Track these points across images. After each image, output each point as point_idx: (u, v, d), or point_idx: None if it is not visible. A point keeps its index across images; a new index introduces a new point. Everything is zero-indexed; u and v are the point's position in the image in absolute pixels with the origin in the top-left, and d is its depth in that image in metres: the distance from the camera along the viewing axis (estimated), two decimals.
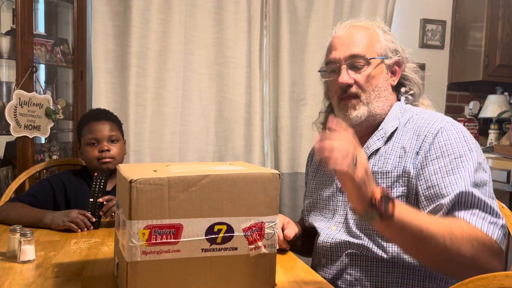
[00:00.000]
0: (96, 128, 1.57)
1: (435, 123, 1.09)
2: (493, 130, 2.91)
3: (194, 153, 2.34)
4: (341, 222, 1.18)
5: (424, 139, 1.07)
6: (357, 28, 1.19)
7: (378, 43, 1.17)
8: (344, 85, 1.15)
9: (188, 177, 0.84)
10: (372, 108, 1.15)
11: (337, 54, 1.17)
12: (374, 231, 1.10)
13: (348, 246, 1.14)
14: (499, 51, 2.78)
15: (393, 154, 1.11)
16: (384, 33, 1.20)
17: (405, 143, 1.10)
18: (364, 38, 1.17)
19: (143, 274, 0.82)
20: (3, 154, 2.14)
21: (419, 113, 1.15)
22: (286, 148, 2.45)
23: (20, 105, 1.89)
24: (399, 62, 1.20)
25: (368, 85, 1.15)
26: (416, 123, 1.12)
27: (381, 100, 1.16)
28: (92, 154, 1.55)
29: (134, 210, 0.81)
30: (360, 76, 1.15)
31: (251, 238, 0.88)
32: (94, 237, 1.30)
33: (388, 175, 1.09)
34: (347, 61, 1.15)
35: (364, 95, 1.15)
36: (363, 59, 1.14)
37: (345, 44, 1.16)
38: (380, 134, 1.16)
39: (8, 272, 1.01)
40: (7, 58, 2.00)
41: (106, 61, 2.18)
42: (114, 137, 1.59)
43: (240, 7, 2.32)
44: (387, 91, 1.18)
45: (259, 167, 0.98)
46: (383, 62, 1.17)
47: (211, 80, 2.33)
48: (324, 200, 1.25)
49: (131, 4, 2.15)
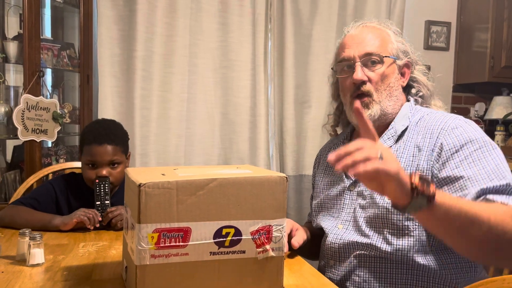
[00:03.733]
0: (97, 152, 1.47)
1: (449, 120, 1.10)
2: (499, 132, 2.90)
3: (199, 156, 2.35)
4: (348, 220, 1.18)
5: (439, 135, 1.07)
6: (370, 28, 1.21)
7: (390, 44, 1.19)
8: (358, 82, 1.16)
9: (196, 181, 0.84)
10: (384, 107, 1.16)
11: (351, 52, 1.18)
12: (384, 227, 1.09)
13: (357, 247, 1.14)
14: (505, 52, 2.77)
15: (406, 153, 1.12)
16: (395, 34, 1.22)
17: (419, 141, 1.11)
18: (377, 38, 1.18)
19: (152, 278, 0.83)
20: (11, 158, 2.15)
21: (431, 112, 1.16)
22: (291, 150, 2.45)
23: (28, 109, 1.91)
24: (409, 64, 1.21)
25: (381, 83, 1.16)
26: (428, 122, 1.13)
27: (393, 100, 1.18)
28: (89, 175, 1.48)
29: (143, 213, 0.81)
30: (373, 74, 1.16)
31: (259, 241, 0.89)
32: (102, 240, 1.30)
33: None
34: (361, 58, 1.16)
35: (376, 93, 1.16)
36: (377, 57, 1.16)
37: (358, 42, 1.18)
38: (391, 133, 1.17)
39: (17, 275, 1.01)
40: (14, 63, 2.02)
41: (112, 65, 2.19)
42: (116, 161, 1.50)
43: (244, 10, 2.33)
44: (398, 91, 1.20)
45: (266, 171, 0.98)
46: (395, 62, 1.18)
47: (216, 83, 2.34)
48: (332, 199, 1.25)
49: (136, 8, 2.16)
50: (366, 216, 1.14)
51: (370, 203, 1.13)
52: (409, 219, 1.07)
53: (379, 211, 1.11)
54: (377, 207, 1.11)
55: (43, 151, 2.05)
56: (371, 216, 1.13)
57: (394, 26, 1.25)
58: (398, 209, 0.84)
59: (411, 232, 1.07)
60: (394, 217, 1.08)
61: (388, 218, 1.09)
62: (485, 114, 2.99)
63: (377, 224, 1.11)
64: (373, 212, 1.12)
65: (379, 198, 1.11)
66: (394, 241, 1.08)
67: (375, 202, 1.12)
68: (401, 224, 1.08)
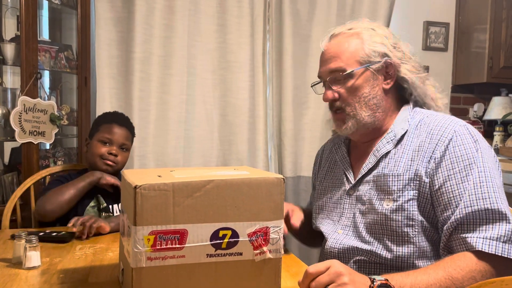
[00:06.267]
0: (115, 131, 1.63)
1: (448, 126, 1.08)
2: (498, 132, 2.89)
3: (198, 157, 2.34)
4: (348, 225, 1.17)
5: (438, 143, 1.07)
6: (338, 39, 1.17)
7: (360, 51, 1.13)
8: (328, 101, 1.18)
9: (193, 183, 0.84)
10: (360, 118, 1.15)
11: (321, 71, 1.19)
12: (384, 234, 1.09)
13: (357, 252, 1.13)
14: (503, 53, 2.77)
15: (405, 157, 1.11)
16: (371, 35, 1.15)
17: (418, 145, 1.10)
18: (344, 51, 1.14)
19: (148, 280, 0.82)
20: (8, 160, 2.15)
21: (430, 115, 1.15)
22: (289, 152, 2.44)
23: (25, 111, 1.90)
24: (392, 64, 1.14)
25: (352, 97, 1.15)
26: (428, 125, 1.11)
27: (370, 108, 1.14)
28: (99, 150, 1.60)
29: (139, 216, 0.81)
30: (343, 90, 1.15)
31: (256, 243, 0.88)
32: (99, 243, 1.30)
33: (400, 177, 1.09)
34: (327, 76, 1.17)
35: (348, 108, 1.15)
36: (342, 72, 1.14)
37: (325, 59, 1.18)
38: (390, 137, 1.16)
39: (13, 278, 1.01)
40: (11, 65, 2.01)
41: (110, 67, 2.19)
42: (126, 146, 1.66)
43: (243, 11, 2.32)
44: (377, 98, 1.15)
45: (263, 172, 0.98)
46: (368, 69, 1.14)
47: (214, 85, 2.34)
48: (332, 203, 1.25)
49: (134, 10, 2.15)
50: (366, 222, 1.13)
51: (369, 208, 1.13)
52: (408, 225, 1.07)
53: (378, 218, 1.10)
54: (376, 213, 1.11)
55: (41, 153, 2.05)
56: (370, 222, 1.12)
57: (372, 24, 1.18)
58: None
59: (411, 239, 1.06)
60: (393, 223, 1.08)
61: (387, 225, 1.08)
62: (484, 114, 2.99)
63: (377, 230, 1.11)
64: (373, 218, 1.11)
65: (378, 204, 1.10)
66: (394, 248, 1.08)
67: (374, 208, 1.11)
68: (401, 230, 1.07)
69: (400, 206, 1.07)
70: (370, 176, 1.15)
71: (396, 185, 1.09)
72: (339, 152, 1.29)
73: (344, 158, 1.27)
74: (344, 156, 1.27)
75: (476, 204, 0.99)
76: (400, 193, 1.08)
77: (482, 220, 0.98)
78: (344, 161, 1.26)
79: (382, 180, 1.12)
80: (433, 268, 0.96)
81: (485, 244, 0.95)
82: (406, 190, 1.07)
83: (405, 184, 1.08)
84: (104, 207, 1.58)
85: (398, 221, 1.07)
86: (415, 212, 1.06)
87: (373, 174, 1.15)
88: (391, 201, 1.08)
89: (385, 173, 1.12)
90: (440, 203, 1.04)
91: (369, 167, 1.16)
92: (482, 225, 0.97)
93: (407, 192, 1.07)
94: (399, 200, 1.08)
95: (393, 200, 1.08)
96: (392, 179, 1.10)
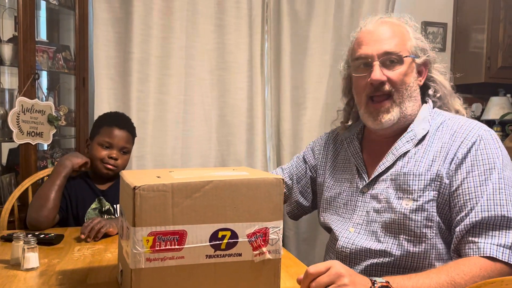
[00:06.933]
0: (116, 134, 1.60)
1: (473, 129, 1.07)
2: (496, 132, 2.89)
3: (196, 158, 2.34)
4: (360, 223, 1.15)
5: (461, 145, 1.05)
6: (388, 24, 1.15)
7: (409, 41, 1.13)
8: (377, 82, 1.10)
9: (192, 183, 0.83)
10: (404, 108, 1.12)
11: (369, 50, 1.12)
12: (401, 233, 1.08)
13: (369, 254, 1.11)
14: (501, 53, 2.78)
15: (426, 157, 1.09)
16: (414, 31, 1.16)
17: (440, 146, 1.08)
18: (396, 35, 1.12)
19: (148, 281, 0.82)
20: (6, 161, 2.14)
21: (452, 117, 1.13)
22: (288, 152, 2.44)
23: (23, 112, 1.89)
24: (427, 63, 1.16)
25: (401, 83, 1.11)
26: (451, 127, 1.10)
27: (412, 100, 1.13)
28: (99, 154, 1.58)
29: (138, 217, 0.80)
30: (393, 74, 1.11)
31: (255, 244, 0.88)
32: (98, 243, 1.29)
33: (421, 177, 1.07)
34: (380, 57, 1.11)
35: (396, 94, 1.11)
36: (397, 57, 1.10)
37: (376, 40, 1.12)
38: (410, 136, 1.13)
39: (12, 280, 1.00)
40: (9, 66, 2.01)
41: (108, 67, 2.18)
42: (126, 149, 1.64)
43: (241, 12, 2.32)
44: (416, 91, 1.15)
45: (262, 172, 0.98)
46: (414, 61, 1.13)
47: (212, 85, 2.33)
48: (342, 199, 1.22)
49: (132, 10, 2.15)
50: (382, 220, 1.11)
51: (386, 207, 1.11)
52: (427, 226, 1.05)
53: (396, 217, 1.08)
54: (393, 212, 1.09)
55: (39, 154, 2.04)
56: (386, 221, 1.10)
57: (412, 22, 1.18)
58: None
59: (428, 240, 1.05)
60: (412, 223, 1.06)
61: (405, 224, 1.07)
62: (482, 114, 3.00)
63: (394, 229, 1.09)
64: (389, 217, 1.09)
65: (396, 203, 1.09)
66: (411, 248, 1.06)
67: (391, 207, 1.09)
68: (419, 231, 1.06)
69: (421, 206, 1.06)
70: (387, 175, 1.13)
71: (417, 184, 1.07)
72: (352, 147, 1.26)
73: (357, 154, 1.24)
74: (357, 152, 1.24)
75: (493, 210, 0.97)
76: (421, 193, 1.06)
77: (496, 226, 0.97)
78: (357, 156, 1.23)
79: (402, 179, 1.09)
80: (435, 272, 0.95)
81: (497, 251, 0.94)
82: (427, 190, 1.06)
83: (426, 184, 1.06)
84: (106, 209, 1.57)
85: (417, 221, 1.06)
86: (434, 213, 1.05)
87: (391, 172, 1.12)
88: (411, 201, 1.06)
89: (405, 172, 1.09)
90: (456, 204, 1.03)
91: (386, 166, 1.14)
92: (496, 231, 0.96)
93: (428, 192, 1.06)
94: (419, 200, 1.06)
95: (413, 200, 1.06)
96: (413, 178, 1.08)
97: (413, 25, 1.17)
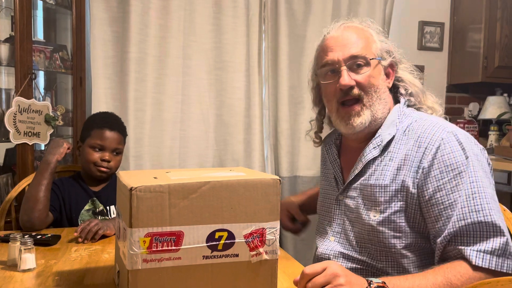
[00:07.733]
0: (107, 136, 1.57)
1: (436, 133, 1.04)
2: (493, 132, 2.91)
3: (194, 158, 2.34)
4: (338, 232, 1.16)
5: (425, 152, 1.03)
6: (352, 29, 1.14)
7: (374, 44, 1.13)
8: (346, 87, 1.09)
9: (189, 184, 0.83)
10: (374, 111, 1.10)
11: (335, 56, 1.11)
12: (372, 244, 1.08)
13: (351, 259, 1.11)
14: (498, 52, 2.78)
15: (391, 166, 1.07)
16: (377, 33, 1.16)
17: (405, 154, 1.06)
18: (361, 39, 1.12)
19: (144, 282, 0.82)
20: (3, 161, 2.13)
21: (419, 119, 1.10)
22: (285, 151, 2.44)
23: (20, 112, 1.89)
24: (393, 64, 1.15)
25: (370, 86, 1.09)
26: (416, 132, 1.07)
27: (382, 103, 1.12)
28: (92, 157, 1.56)
29: (134, 218, 0.80)
30: (361, 77, 1.09)
31: (252, 244, 0.88)
32: (95, 244, 1.29)
33: (386, 188, 1.06)
34: (347, 62, 1.10)
35: (366, 97, 1.10)
36: (363, 59, 1.09)
37: (342, 44, 1.11)
38: (377, 142, 1.11)
39: (8, 281, 1.00)
40: (6, 65, 2.00)
41: (105, 67, 2.18)
42: (119, 150, 1.62)
43: (238, 11, 2.32)
44: (386, 93, 1.14)
45: (259, 173, 0.98)
46: (380, 63, 1.12)
47: (210, 85, 2.33)
48: (324, 207, 1.24)
49: (129, 10, 2.15)
50: (355, 231, 1.11)
51: (357, 217, 1.11)
52: (395, 237, 1.04)
53: (365, 228, 1.08)
54: (363, 224, 1.09)
55: (36, 154, 2.03)
56: (358, 232, 1.11)
57: (375, 25, 1.18)
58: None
59: (398, 250, 1.04)
60: (380, 235, 1.05)
61: (374, 236, 1.07)
62: (479, 114, 3.00)
63: (365, 240, 1.09)
64: (361, 228, 1.10)
65: (365, 214, 1.08)
66: (383, 258, 1.06)
67: (360, 218, 1.09)
68: (388, 242, 1.05)
69: (387, 218, 1.05)
70: (358, 183, 1.12)
71: (383, 196, 1.06)
72: (330, 153, 1.25)
73: (335, 161, 1.23)
74: (335, 158, 1.23)
75: (469, 217, 0.96)
76: (387, 204, 1.05)
77: (476, 233, 0.96)
78: (334, 163, 1.23)
79: (369, 190, 1.09)
80: (432, 273, 0.95)
81: (478, 258, 0.94)
82: (393, 202, 1.05)
83: (392, 196, 1.05)
84: (100, 211, 1.57)
85: (384, 232, 1.05)
86: (403, 224, 1.04)
87: (360, 182, 1.12)
88: (378, 213, 1.06)
89: (371, 183, 1.08)
90: (431, 215, 1.01)
91: (355, 173, 1.13)
92: (476, 237, 0.95)
93: (394, 203, 1.04)
94: (386, 212, 1.05)
95: (380, 212, 1.06)
96: (379, 190, 1.07)
97: (376, 28, 1.17)
